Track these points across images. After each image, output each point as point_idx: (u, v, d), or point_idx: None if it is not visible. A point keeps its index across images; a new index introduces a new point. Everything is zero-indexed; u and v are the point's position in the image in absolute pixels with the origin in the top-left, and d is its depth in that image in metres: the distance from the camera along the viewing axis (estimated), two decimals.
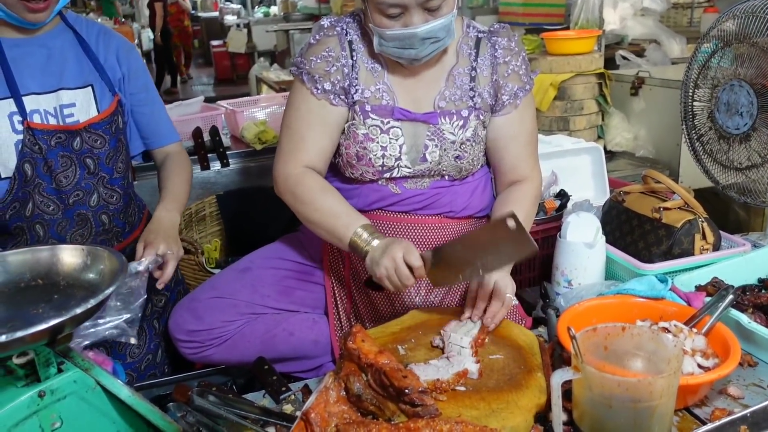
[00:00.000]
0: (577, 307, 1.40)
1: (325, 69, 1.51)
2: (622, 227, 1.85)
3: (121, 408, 1.06)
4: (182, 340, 1.59)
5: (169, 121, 1.81)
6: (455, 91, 1.54)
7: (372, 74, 1.52)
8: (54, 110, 1.55)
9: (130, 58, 1.69)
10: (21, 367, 0.98)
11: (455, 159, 1.54)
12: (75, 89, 1.58)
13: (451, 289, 1.65)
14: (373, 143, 1.51)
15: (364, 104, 1.51)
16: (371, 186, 1.58)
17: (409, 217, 1.59)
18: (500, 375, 1.23)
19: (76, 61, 1.60)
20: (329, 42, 1.52)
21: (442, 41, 1.44)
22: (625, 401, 1.02)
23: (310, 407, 0.99)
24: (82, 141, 1.57)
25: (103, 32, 1.68)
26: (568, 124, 3.32)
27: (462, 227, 1.64)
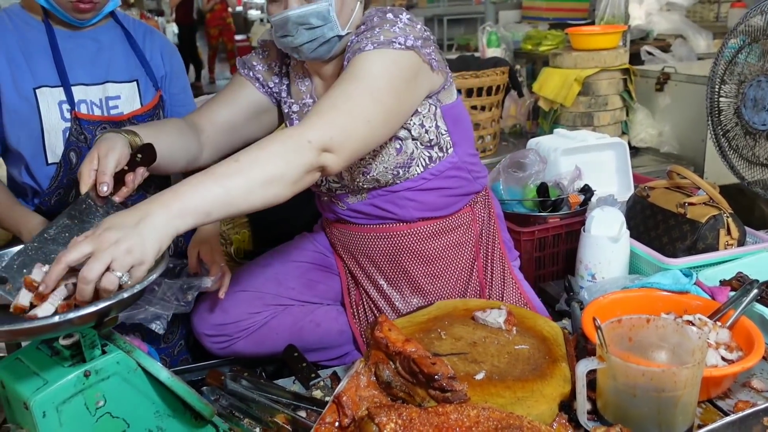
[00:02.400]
0: (602, 299, 1.42)
1: (255, 63, 1.59)
2: (647, 222, 1.86)
3: (159, 389, 1.10)
4: (209, 334, 1.63)
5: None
6: None
7: (300, 88, 1.57)
8: (100, 101, 1.60)
9: (173, 59, 1.77)
10: (67, 348, 1.03)
11: (363, 174, 1.50)
12: (121, 83, 1.64)
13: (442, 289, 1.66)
14: None
15: (292, 119, 1.57)
16: (325, 202, 1.63)
17: (367, 227, 1.61)
18: (525, 364, 1.26)
19: (123, 56, 1.67)
20: (269, 47, 1.60)
21: (319, 30, 1.38)
22: (649, 391, 1.05)
23: (342, 391, 1.02)
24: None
25: (150, 31, 1.76)
26: (593, 119, 3.32)
27: (419, 231, 1.60)
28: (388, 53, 1.33)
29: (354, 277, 1.69)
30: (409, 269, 1.62)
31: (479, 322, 1.40)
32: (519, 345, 1.33)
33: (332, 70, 1.51)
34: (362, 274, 1.65)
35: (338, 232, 1.66)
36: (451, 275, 1.64)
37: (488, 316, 1.40)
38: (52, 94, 1.55)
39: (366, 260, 1.63)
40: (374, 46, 1.33)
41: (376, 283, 1.64)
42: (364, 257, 1.63)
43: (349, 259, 1.67)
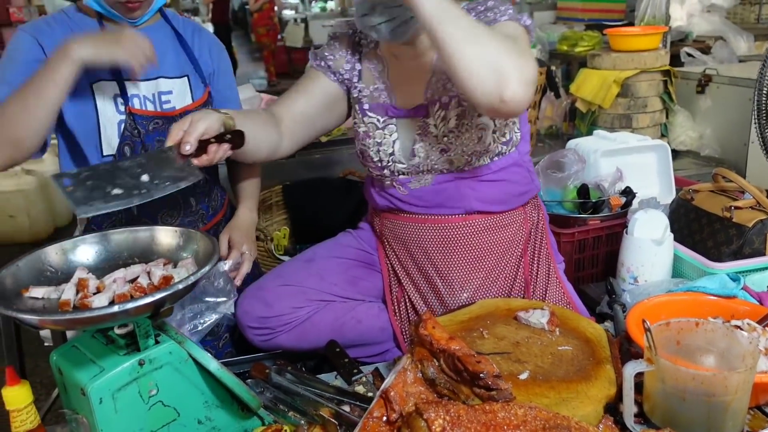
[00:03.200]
0: (647, 302, 1.41)
1: (327, 54, 1.63)
2: (691, 225, 1.84)
3: (209, 380, 1.12)
4: (253, 327, 1.65)
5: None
6: (442, 76, 1.52)
7: (373, 73, 1.60)
8: (152, 96, 1.64)
9: (220, 56, 1.80)
10: (122, 337, 1.06)
11: (441, 152, 1.53)
12: (173, 78, 1.67)
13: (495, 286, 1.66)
14: (370, 140, 1.58)
15: (362, 102, 1.59)
16: (383, 187, 1.64)
17: (425, 217, 1.61)
18: (569, 366, 1.26)
19: (174, 53, 1.70)
20: (340, 38, 1.64)
21: (398, 9, 1.39)
22: (699, 395, 1.03)
23: (390, 386, 1.03)
24: None
25: (198, 29, 1.78)
26: (631, 121, 3.29)
27: (484, 223, 1.60)
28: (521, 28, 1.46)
29: (397, 273, 1.69)
30: (460, 262, 1.62)
31: (522, 322, 1.40)
32: (562, 346, 1.33)
33: (410, 53, 1.54)
34: (413, 266, 1.65)
35: (390, 224, 1.67)
36: (500, 272, 1.64)
37: (531, 317, 1.40)
38: (107, 88, 1.58)
39: (419, 251, 1.63)
40: (508, 17, 1.46)
41: (426, 275, 1.63)
42: (417, 248, 1.63)
43: (400, 250, 1.67)
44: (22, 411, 1.04)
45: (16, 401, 1.03)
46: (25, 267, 1.10)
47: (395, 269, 1.69)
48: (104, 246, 1.18)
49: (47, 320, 1.01)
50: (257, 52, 14.11)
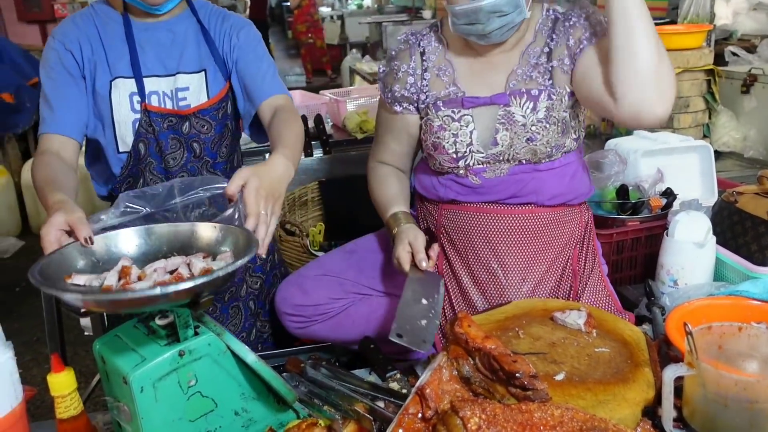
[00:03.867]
0: (687, 305, 1.38)
1: (391, 79, 1.66)
2: (734, 228, 1.80)
3: (246, 372, 1.14)
4: (289, 314, 1.68)
5: (275, 78, 1.73)
6: (528, 69, 1.55)
7: (442, 79, 1.61)
8: (171, 92, 1.64)
9: (239, 33, 1.71)
10: (162, 327, 1.08)
11: (527, 141, 1.54)
12: (191, 73, 1.67)
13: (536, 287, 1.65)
14: (445, 132, 1.57)
15: (437, 103, 1.60)
16: (452, 177, 1.62)
17: (495, 207, 1.61)
18: (606, 367, 1.24)
19: (195, 46, 1.68)
20: (400, 56, 1.66)
21: (510, 17, 1.45)
22: (742, 401, 1.01)
23: (425, 383, 1.03)
24: (191, 125, 1.67)
25: (222, 16, 1.74)
26: (672, 121, 3.23)
27: (552, 216, 1.62)
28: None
29: (453, 266, 1.67)
30: (524, 254, 1.63)
31: (558, 323, 1.39)
32: (599, 348, 1.31)
33: (496, 48, 1.56)
34: (473, 257, 1.64)
35: (452, 215, 1.65)
36: (556, 268, 1.65)
37: (567, 317, 1.38)
38: (125, 86, 1.60)
39: (482, 242, 1.62)
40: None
41: (488, 267, 1.62)
42: (480, 239, 1.62)
43: (461, 242, 1.66)
44: (66, 397, 1.07)
45: (60, 388, 1.06)
46: (68, 255, 1.13)
47: (450, 262, 1.68)
48: (146, 238, 1.20)
49: (90, 300, 1.03)
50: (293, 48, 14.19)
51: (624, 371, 1.23)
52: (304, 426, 1.07)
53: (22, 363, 1.06)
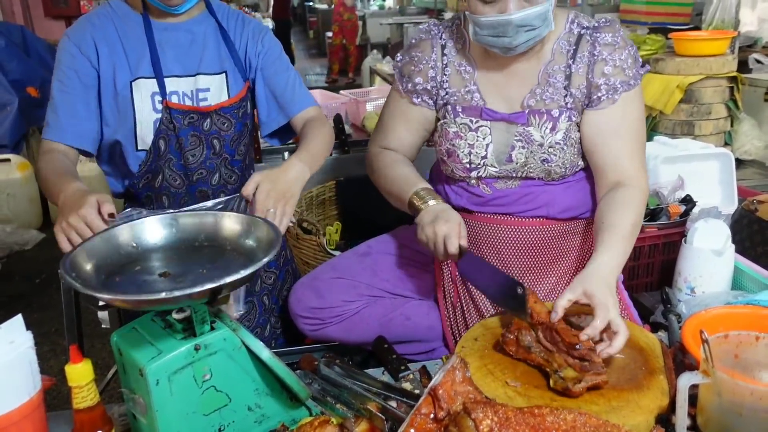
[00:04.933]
0: (704, 314, 1.37)
1: (411, 69, 1.61)
2: (753, 237, 1.78)
3: (260, 368, 1.15)
4: (303, 316, 1.68)
5: (302, 88, 1.80)
6: (548, 89, 1.51)
7: (462, 77, 1.57)
8: (191, 93, 1.65)
9: (263, 40, 1.74)
10: (179, 321, 1.09)
11: (542, 162, 1.52)
12: (212, 74, 1.67)
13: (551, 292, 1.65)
14: (461, 141, 1.55)
15: (454, 105, 1.57)
16: (463, 185, 1.62)
17: (506, 218, 1.59)
18: (621, 374, 1.23)
19: (215, 48, 1.69)
20: (422, 45, 1.62)
21: (538, 30, 1.41)
22: (758, 411, 1.00)
23: (438, 384, 1.03)
24: (212, 122, 1.67)
25: (241, 19, 1.75)
26: (694, 128, 3.20)
27: (564, 229, 1.61)
28: None
29: (462, 277, 1.66)
30: (535, 266, 1.62)
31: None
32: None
33: (516, 59, 1.52)
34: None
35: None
36: (571, 277, 1.64)
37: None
38: (146, 86, 1.61)
39: (491, 253, 1.62)
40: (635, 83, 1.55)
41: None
42: (489, 249, 1.62)
43: (471, 249, 1.66)
44: (84, 388, 1.08)
45: (78, 378, 1.07)
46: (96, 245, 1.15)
47: (453, 274, 1.68)
48: (172, 228, 1.22)
49: (117, 299, 1.05)
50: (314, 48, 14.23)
51: (638, 378, 1.22)
52: (316, 423, 1.08)
53: (40, 354, 1.07)
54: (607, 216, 1.44)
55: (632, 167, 1.50)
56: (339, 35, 10.63)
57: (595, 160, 1.53)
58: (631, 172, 1.49)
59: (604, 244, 1.38)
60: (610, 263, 1.34)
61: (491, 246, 1.62)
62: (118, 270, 1.15)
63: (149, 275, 1.14)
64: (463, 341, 1.36)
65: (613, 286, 1.33)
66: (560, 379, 1.14)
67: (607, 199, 1.48)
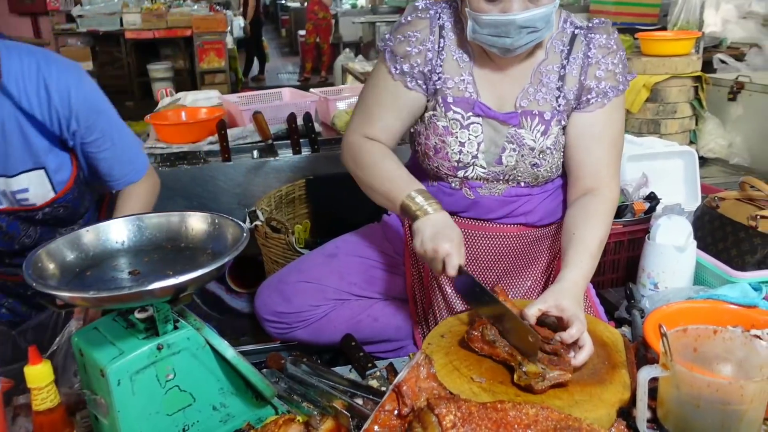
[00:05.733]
0: (665, 308, 1.40)
1: (407, 49, 1.49)
2: (715, 233, 1.82)
3: (225, 367, 1.14)
4: (270, 320, 1.66)
5: (131, 157, 1.59)
6: (540, 88, 1.48)
7: (458, 64, 1.49)
8: (4, 193, 1.45)
9: (78, 104, 1.42)
10: (142, 321, 1.08)
11: (532, 166, 1.50)
12: (25, 172, 1.44)
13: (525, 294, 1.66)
14: (451, 137, 1.49)
15: (446, 95, 1.48)
16: (444, 188, 1.57)
17: (484, 224, 1.58)
18: (584, 369, 1.25)
19: (22, 143, 1.41)
20: (419, 24, 1.49)
21: (540, 32, 1.37)
22: (714, 403, 1.03)
23: (402, 380, 1.04)
24: (44, 214, 1.53)
25: (43, 86, 1.38)
26: (659, 127, 3.26)
27: (540, 235, 1.62)
28: None
29: (436, 277, 1.64)
30: (511, 270, 1.63)
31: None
32: None
33: (513, 59, 1.47)
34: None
35: None
36: (540, 281, 1.66)
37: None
38: None
39: (467, 256, 1.51)
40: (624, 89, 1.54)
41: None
42: (467, 254, 1.49)
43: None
44: (43, 389, 1.06)
45: (37, 379, 1.05)
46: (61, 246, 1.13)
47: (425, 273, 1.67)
48: (137, 229, 1.20)
49: (77, 297, 1.03)
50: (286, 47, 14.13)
51: (601, 372, 1.24)
52: (281, 422, 1.08)
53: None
54: (578, 227, 1.43)
55: (608, 175, 1.50)
56: (313, 34, 10.57)
57: (572, 163, 1.52)
58: (606, 180, 1.49)
59: (573, 261, 1.37)
60: (580, 282, 1.35)
61: (468, 251, 1.57)
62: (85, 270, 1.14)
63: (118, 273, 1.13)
64: (430, 338, 1.36)
65: (582, 300, 1.34)
66: (524, 375, 1.15)
67: (579, 207, 1.48)
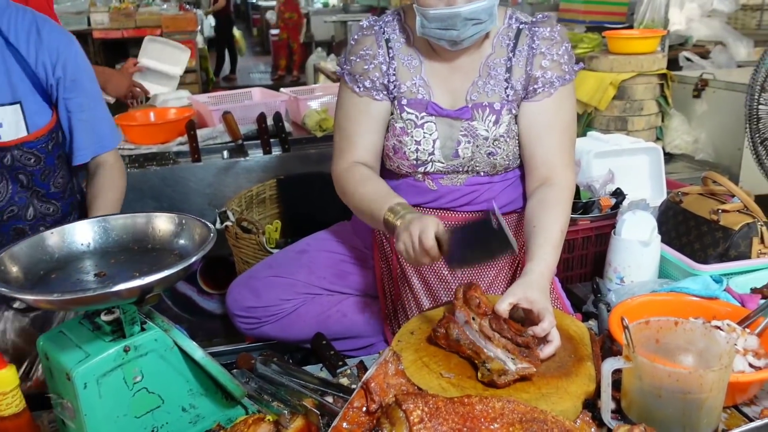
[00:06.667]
0: (630, 302, 1.43)
1: (363, 67, 1.57)
2: (679, 228, 1.86)
3: (194, 368, 1.14)
4: (240, 315, 1.67)
5: (109, 125, 1.64)
6: (489, 81, 1.54)
7: (408, 70, 1.56)
8: None
9: (65, 58, 1.50)
10: (108, 323, 1.07)
11: (488, 155, 1.55)
12: (2, 106, 1.44)
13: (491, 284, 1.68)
14: (407, 137, 1.55)
15: (401, 98, 1.56)
16: (409, 181, 1.62)
17: (448, 214, 1.62)
18: (551, 362, 1.27)
19: (3, 73, 1.44)
20: (367, 41, 1.58)
21: (484, 24, 1.45)
22: (675, 392, 1.05)
23: (370, 377, 1.05)
24: (13, 158, 1.49)
25: (37, 31, 1.47)
26: (627, 124, 3.31)
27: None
28: None
29: (403, 268, 1.66)
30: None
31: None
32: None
33: (461, 53, 1.53)
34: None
35: None
36: (509, 270, 1.68)
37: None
38: None
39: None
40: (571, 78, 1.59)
41: (438, 273, 1.63)
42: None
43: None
44: (8, 395, 1.05)
45: (2, 385, 1.04)
46: (25, 249, 1.12)
47: (401, 264, 1.69)
48: (103, 231, 1.19)
49: (41, 300, 1.02)
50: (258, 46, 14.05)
51: (567, 365, 1.26)
52: (250, 421, 1.08)
53: None
54: (539, 219, 1.47)
55: (561, 163, 1.55)
56: (284, 32, 10.55)
57: (526, 153, 1.57)
58: (560, 168, 1.54)
59: (538, 253, 1.40)
60: (546, 273, 1.38)
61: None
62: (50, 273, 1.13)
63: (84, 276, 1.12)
64: (400, 335, 1.38)
65: (548, 292, 1.37)
66: (487, 372, 1.17)
67: (538, 199, 1.52)
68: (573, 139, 1.60)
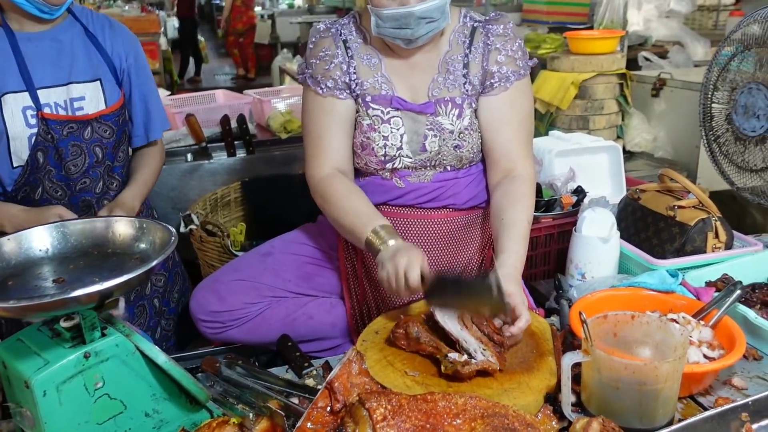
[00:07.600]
0: (590, 297, 1.46)
1: (324, 68, 1.58)
2: (637, 224, 1.90)
3: (157, 373, 1.13)
4: (204, 320, 1.65)
5: (163, 114, 1.86)
6: (448, 77, 1.57)
7: (369, 67, 1.59)
8: (64, 103, 1.61)
9: (135, 50, 1.76)
10: (67, 329, 1.06)
11: (454, 148, 1.58)
12: (85, 83, 1.64)
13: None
14: (375, 133, 1.57)
15: (365, 95, 1.58)
16: (376, 180, 1.63)
17: (414, 212, 1.64)
18: (513, 357, 1.30)
19: (85, 55, 1.66)
20: (324, 42, 1.60)
21: (437, 22, 1.48)
22: (632, 384, 1.08)
23: (334, 377, 1.05)
24: (93, 131, 1.65)
25: (110, 25, 1.73)
26: (588, 123, 3.36)
27: (466, 219, 1.67)
28: None
29: (368, 267, 1.67)
30: (442, 256, 1.66)
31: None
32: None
33: (417, 51, 1.57)
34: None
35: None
36: (474, 265, 1.70)
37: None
38: (15, 101, 1.55)
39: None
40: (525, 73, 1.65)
41: None
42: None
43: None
44: None
45: None
46: None
47: (366, 263, 1.69)
48: (61, 236, 1.18)
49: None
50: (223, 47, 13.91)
51: (529, 360, 1.29)
52: (214, 425, 1.08)
53: None
54: (506, 212, 1.51)
55: (520, 155, 1.60)
56: (231, 36, 10.54)
57: (487, 146, 1.62)
58: (520, 160, 1.59)
59: (508, 246, 1.44)
60: (518, 265, 1.43)
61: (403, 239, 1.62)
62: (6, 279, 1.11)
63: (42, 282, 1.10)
64: (365, 334, 1.39)
65: (521, 283, 1.43)
66: (449, 363, 1.19)
67: (502, 192, 1.56)
68: (531, 132, 1.65)
